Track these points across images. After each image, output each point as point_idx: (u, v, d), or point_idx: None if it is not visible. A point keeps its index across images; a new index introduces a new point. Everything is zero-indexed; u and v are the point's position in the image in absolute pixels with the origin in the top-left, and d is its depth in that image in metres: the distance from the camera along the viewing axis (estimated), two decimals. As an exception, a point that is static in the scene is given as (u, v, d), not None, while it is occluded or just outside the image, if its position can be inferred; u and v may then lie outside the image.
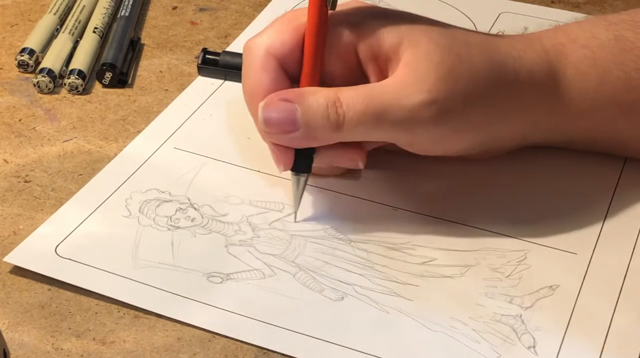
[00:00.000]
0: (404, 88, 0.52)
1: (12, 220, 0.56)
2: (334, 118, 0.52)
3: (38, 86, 0.65)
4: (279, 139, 0.53)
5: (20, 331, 0.49)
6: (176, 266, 0.52)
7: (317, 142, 0.53)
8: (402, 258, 0.53)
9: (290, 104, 0.52)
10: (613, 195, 0.57)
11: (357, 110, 0.52)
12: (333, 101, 0.52)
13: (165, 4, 0.75)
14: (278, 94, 0.53)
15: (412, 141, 0.55)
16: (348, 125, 0.52)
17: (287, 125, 0.52)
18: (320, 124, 0.52)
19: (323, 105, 0.52)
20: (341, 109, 0.52)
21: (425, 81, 0.52)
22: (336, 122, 0.52)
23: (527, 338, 0.49)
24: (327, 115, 0.52)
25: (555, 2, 0.75)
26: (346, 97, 0.52)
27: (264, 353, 0.48)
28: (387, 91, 0.52)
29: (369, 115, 0.52)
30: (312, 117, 0.52)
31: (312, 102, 0.52)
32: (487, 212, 0.56)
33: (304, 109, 0.52)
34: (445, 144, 0.55)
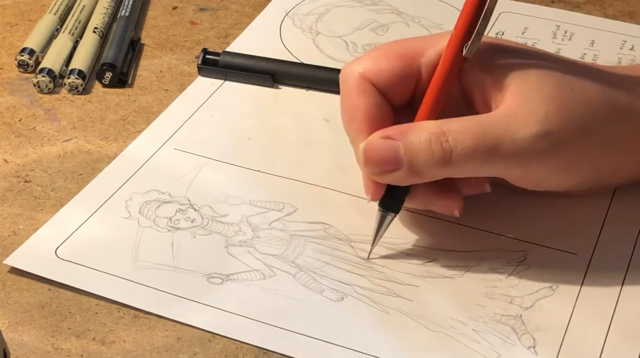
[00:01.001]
0: (515, 119, 0.50)
1: (12, 220, 0.56)
2: (439, 154, 0.50)
3: (38, 86, 0.65)
4: (382, 178, 0.51)
5: (20, 331, 0.49)
6: (176, 267, 0.52)
7: (424, 178, 0.51)
8: (402, 258, 0.53)
9: (392, 142, 0.50)
10: (613, 195, 0.57)
11: (467, 144, 0.49)
12: (437, 136, 0.50)
13: (165, 4, 0.75)
14: (380, 132, 0.51)
15: (525, 175, 0.52)
16: (457, 161, 0.50)
17: (390, 164, 0.50)
18: (424, 160, 0.50)
19: (426, 140, 0.50)
20: (447, 144, 0.50)
21: (537, 112, 0.50)
22: (442, 158, 0.50)
23: (527, 338, 0.49)
24: (431, 151, 0.50)
25: (555, 2, 0.75)
26: (453, 131, 0.50)
27: (264, 353, 0.48)
28: (497, 123, 0.50)
29: (480, 150, 0.50)
30: (416, 155, 0.50)
31: (414, 139, 0.50)
32: (487, 212, 0.56)
33: (406, 145, 0.50)
34: (559, 178, 0.53)
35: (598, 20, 0.73)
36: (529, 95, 0.50)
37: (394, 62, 0.53)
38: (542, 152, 0.50)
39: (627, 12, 0.74)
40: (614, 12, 0.74)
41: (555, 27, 0.72)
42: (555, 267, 0.53)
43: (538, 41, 0.70)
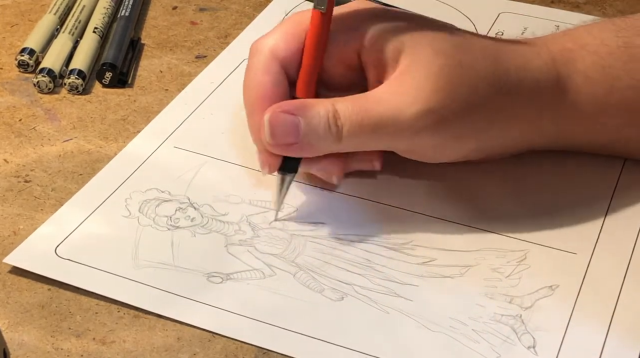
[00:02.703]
0: (399, 97, 0.52)
1: (12, 220, 0.56)
2: (334, 130, 0.52)
3: (38, 86, 0.65)
4: (281, 150, 0.53)
5: (20, 331, 0.49)
6: (176, 266, 0.52)
7: (316, 152, 0.54)
8: (402, 258, 0.53)
9: (293, 117, 0.52)
10: (613, 195, 0.57)
11: (354, 121, 0.52)
12: (332, 113, 0.52)
13: (165, 4, 0.75)
14: (280, 105, 0.53)
15: (411, 149, 0.55)
16: (346, 137, 0.52)
17: (291, 137, 0.52)
18: (322, 135, 0.52)
19: (324, 117, 0.52)
20: (340, 121, 0.52)
21: (422, 90, 0.52)
22: (336, 134, 0.52)
23: (527, 338, 0.49)
24: (328, 127, 0.52)
25: (555, 2, 0.75)
26: (342, 108, 0.52)
27: (264, 353, 0.48)
28: (382, 101, 0.52)
29: (366, 127, 0.52)
30: (314, 129, 0.52)
31: (314, 115, 0.52)
32: (487, 212, 0.56)
33: (307, 121, 0.52)
34: (445, 151, 0.55)
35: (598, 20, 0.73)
36: (415, 73, 0.52)
37: (299, 37, 0.54)
38: (424, 129, 0.52)
39: (627, 12, 0.74)
40: (613, 12, 0.74)
41: (555, 27, 0.72)
42: (555, 267, 0.53)
43: (538, 41, 0.70)
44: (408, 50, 0.53)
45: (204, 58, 0.69)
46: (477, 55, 0.53)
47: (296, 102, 0.54)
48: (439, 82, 0.52)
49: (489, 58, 0.54)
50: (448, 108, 0.52)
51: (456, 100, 0.52)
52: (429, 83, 0.52)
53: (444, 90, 0.52)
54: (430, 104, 0.52)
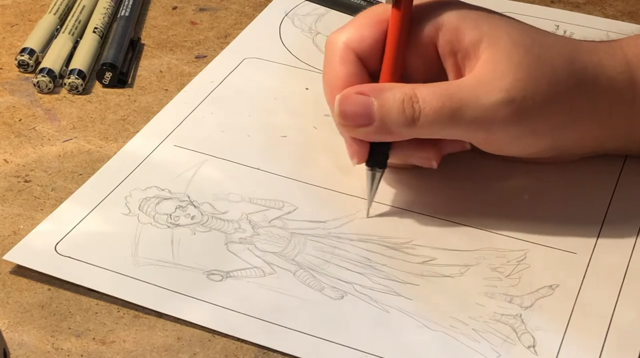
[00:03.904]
0: (481, 86, 0.52)
1: (12, 220, 0.56)
2: (409, 113, 0.52)
3: (38, 86, 0.65)
4: (354, 132, 0.53)
5: (20, 331, 0.49)
6: (176, 264, 0.52)
7: (392, 137, 0.53)
8: (402, 257, 0.53)
9: (366, 98, 0.52)
10: (613, 195, 0.57)
11: (433, 106, 0.52)
12: (409, 96, 0.52)
13: (165, 4, 0.75)
14: (355, 87, 0.53)
15: (488, 140, 0.54)
16: (423, 121, 0.52)
17: (363, 118, 0.52)
18: (396, 118, 0.52)
19: (399, 100, 0.52)
20: (417, 105, 0.52)
21: (503, 80, 0.52)
22: (412, 117, 0.52)
23: (527, 337, 0.49)
24: (402, 110, 0.52)
25: (555, 2, 0.75)
26: (423, 93, 0.52)
27: (264, 353, 0.48)
28: (464, 88, 0.52)
29: (445, 112, 0.52)
30: (388, 112, 0.52)
31: (388, 97, 0.52)
32: (487, 212, 0.56)
33: (380, 103, 0.52)
34: (521, 145, 0.55)
35: (598, 20, 0.73)
36: (497, 63, 0.52)
37: (377, 27, 0.55)
38: (504, 119, 0.52)
39: (627, 12, 0.74)
40: (613, 12, 0.74)
41: (555, 27, 0.72)
42: (555, 267, 0.53)
43: (538, 42, 0.70)
44: (488, 41, 0.53)
45: (204, 58, 0.69)
46: (553, 50, 0.54)
47: (372, 84, 0.54)
48: (520, 73, 0.52)
49: (565, 54, 0.54)
50: (529, 99, 0.52)
51: (537, 92, 0.52)
52: (511, 73, 0.52)
53: (525, 81, 0.52)
54: (511, 93, 0.52)
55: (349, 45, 0.54)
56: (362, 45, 0.54)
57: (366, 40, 0.54)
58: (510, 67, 0.52)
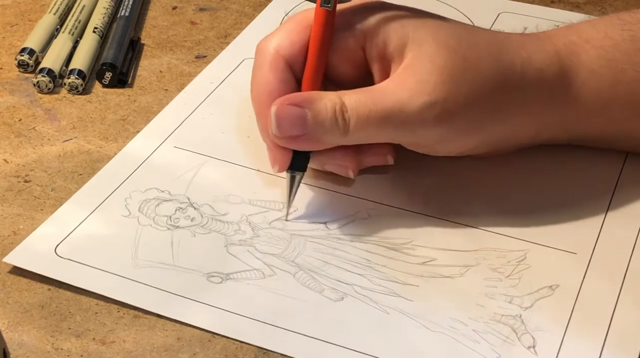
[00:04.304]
0: (404, 90, 0.52)
1: (12, 220, 0.56)
2: (341, 123, 0.52)
3: (38, 86, 0.65)
4: (286, 142, 0.53)
5: (20, 331, 0.49)
6: (176, 266, 0.52)
7: (322, 145, 0.54)
8: (402, 258, 0.53)
9: (300, 109, 0.53)
10: (613, 195, 0.57)
11: (361, 114, 0.52)
12: (340, 106, 0.52)
13: (165, 4, 0.75)
14: (287, 98, 0.53)
15: (417, 142, 0.55)
16: (353, 130, 0.53)
17: (297, 129, 0.53)
18: (329, 128, 0.53)
19: (331, 110, 0.52)
20: (347, 114, 0.52)
21: (426, 83, 0.52)
22: (343, 127, 0.52)
23: (527, 338, 0.49)
24: (335, 119, 0.52)
25: (555, 2, 0.75)
26: (350, 101, 0.53)
27: (264, 353, 0.48)
28: (388, 94, 0.53)
29: (372, 120, 0.52)
30: (321, 122, 0.52)
31: (321, 107, 0.53)
32: (487, 212, 0.56)
33: (313, 113, 0.52)
34: (451, 144, 0.55)
35: (598, 21, 0.73)
36: (420, 67, 0.53)
37: (306, 32, 0.55)
38: (429, 121, 0.53)
39: (627, 12, 0.74)
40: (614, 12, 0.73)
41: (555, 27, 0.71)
42: (555, 267, 0.53)
43: (538, 41, 0.70)
44: (412, 45, 0.53)
45: (204, 58, 0.69)
46: (481, 49, 0.54)
47: (303, 94, 0.54)
48: (443, 75, 0.52)
49: (492, 52, 0.54)
50: (452, 101, 0.52)
51: (461, 94, 0.53)
52: (434, 76, 0.52)
53: (448, 83, 0.52)
54: (434, 96, 0.52)
55: (278, 52, 0.54)
56: (291, 51, 0.54)
57: (295, 45, 0.54)
58: (433, 70, 0.52)
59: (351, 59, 0.55)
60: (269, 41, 0.55)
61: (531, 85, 0.54)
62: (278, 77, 0.54)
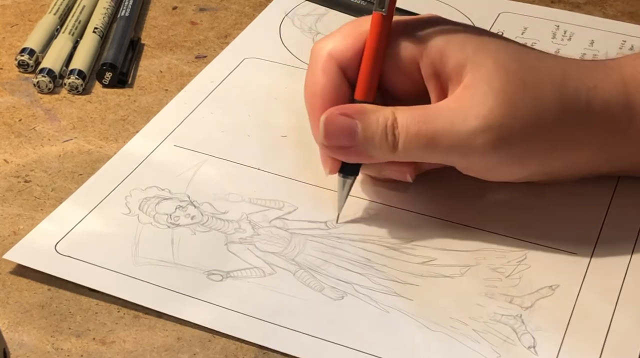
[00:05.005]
0: (458, 112, 0.51)
1: (12, 220, 0.56)
2: (390, 139, 0.51)
3: (38, 86, 0.65)
4: (335, 152, 0.53)
5: (20, 331, 0.49)
6: (176, 264, 0.52)
7: (372, 159, 0.53)
8: (402, 257, 0.53)
9: (351, 120, 0.52)
10: (613, 195, 0.57)
11: (411, 132, 0.51)
12: (391, 122, 0.51)
13: (165, 4, 0.75)
14: (339, 108, 0.52)
15: (469, 166, 0.54)
16: (402, 148, 0.51)
17: (346, 140, 0.52)
18: (378, 143, 0.52)
19: (382, 124, 0.51)
20: (397, 131, 0.51)
21: (481, 106, 0.51)
22: (393, 143, 0.52)
23: (527, 338, 0.49)
24: (385, 135, 0.51)
25: (555, 2, 0.75)
26: (402, 118, 0.51)
27: (264, 353, 0.48)
28: (441, 114, 0.51)
29: (422, 139, 0.51)
30: (371, 136, 0.52)
31: (372, 121, 0.52)
32: (487, 212, 0.56)
33: (364, 126, 0.52)
34: (504, 170, 0.54)
35: (598, 21, 0.73)
36: (477, 88, 0.51)
37: (362, 37, 0.54)
38: (481, 147, 0.51)
39: (627, 12, 0.74)
40: (614, 12, 0.74)
41: (555, 27, 0.72)
42: (555, 267, 0.53)
43: (537, 41, 0.70)
44: (471, 66, 0.51)
45: (204, 58, 0.69)
46: (542, 75, 0.52)
47: (356, 105, 0.53)
48: (499, 99, 0.51)
49: (555, 80, 0.52)
50: (508, 127, 0.51)
51: (518, 120, 0.51)
52: (490, 100, 0.51)
53: (505, 107, 0.51)
54: (489, 120, 0.50)
55: (332, 55, 0.54)
56: (346, 56, 0.53)
57: (350, 50, 0.53)
58: (490, 93, 0.51)
59: (406, 70, 0.53)
60: (323, 44, 0.54)
61: (596, 116, 0.52)
62: (330, 80, 0.53)
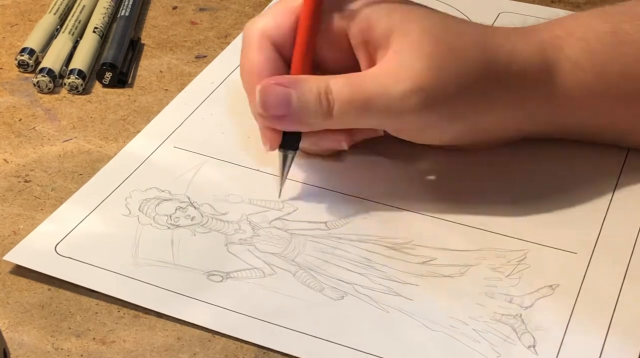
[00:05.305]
0: (390, 76, 0.53)
1: (12, 220, 0.56)
2: (325, 105, 0.53)
3: (38, 86, 0.65)
4: (272, 122, 0.54)
5: (20, 331, 0.49)
6: (176, 265, 0.52)
7: (307, 127, 0.54)
8: (402, 257, 0.53)
9: (285, 89, 0.53)
10: (613, 194, 0.57)
11: (345, 98, 0.53)
12: (324, 89, 0.53)
13: (165, 4, 0.75)
14: (274, 78, 0.54)
15: (399, 128, 0.55)
16: (336, 113, 0.53)
17: (282, 108, 0.53)
18: (313, 110, 0.53)
19: (316, 92, 0.53)
20: (331, 97, 0.53)
21: (411, 69, 0.53)
22: (327, 109, 0.53)
23: (527, 337, 0.49)
24: (319, 102, 0.53)
25: (555, 2, 0.75)
26: (335, 85, 0.53)
27: (264, 353, 0.48)
28: (373, 79, 0.53)
29: (356, 103, 0.53)
30: (306, 103, 0.53)
31: (306, 89, 0.53)
32: (487, 212, 0.56)
33: (299, 94, 0.53)
34: (434, 132, 0.56)
35: (598, 21, 0.73)
36: (406, 53, 0.53)
37: (293, 15, 0.55)
38: (413, 108, 0.53)
39: (627, 12, 0.74)
40: (613, 11, 0.74)
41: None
42: (555, 267, 0.53)
43: (538, 41, 0.70)
44: (398, 32, 0.53)
45: (204, 58, 0.69)
46: (466, 40, 0.54)
47: (290, 76, 0.54)
48: (428, 62, 0.53)
49: (478, 43, 0.55)
50: (437, 88, 0.53)
51: (445, 81, 0.53)
52: (419, 63, 0.53)
53: (433, 69, 0.53)
54: (418, 82, 0.52)
55: (265, 33, 0.55)
56: (278, 33, 0.55)
57: (281, 28, 0.55)
58: (419, 57, 0.53)
59: (336, 44, 0.55)
60: (255, 23, 0.56)
61: (515, 77, 0.55)
62: (266, 57, 0.55)
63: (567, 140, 0.60)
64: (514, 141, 0.59)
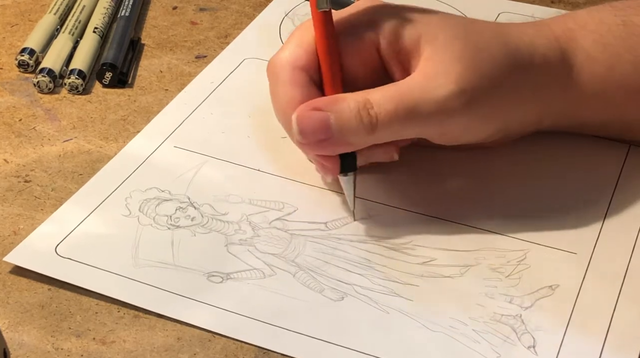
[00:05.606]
0: (430, 81, 0.53)
1: (12, 220, 0.56)
2: (367, 120, 0.52)
3: (38, 86, 0.65)
4: (315, 148, 0.53)
5: (20, 331, 0.49)
6: (176, 265, 0.52)
7: (352, 146, 0.53)
8: (402, 258, 0.53)
9: (322, 113, 0.52)
10: (613, 194, 0.57)
11: (389, 109, 0.52)
12: (364, 104, 0.52)
13: (165, 4, 0.75)
14: (308, 104, 0.53)
15: (443, 132, 0.55)
16: (381, 126, 0.52)
17: (321, 133, 0.52)
18: (355, 128, 0.52)
19: (355, 109, 0.52)
20: (373, 111, 0.52)
21: (450, 72, 0.53)
22: (370, 124, 0.52)
23: (527, 338, 0.49)
24: (360, 118, 0.52)
25: (555, 2, 0.75)
26: (375, 98, 0.52)
27: (264, 353, 0.48)
28: (414, 86, 0.53)
29: (401, 113, 0.52)
30: (346, 122, 0.52)
31: (343, 108, 0.52)
32: (487, 212, 0.56)
33: (337, 115, 0.52)
34: (473, 132, 0.56)
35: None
36: (440, 58, 0.53)
37: (313, 43, 0.54)
38: (457, 110, 0.53)
39: (627, 12, 0.74)
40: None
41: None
42: (555, 267, 0.53)
43: (538, 41, 0.70)
44: (427, 38, 0.54)
45: (204, 58, 0.69)
46: (488, 36, 0.55)
47: (324, 98, 0.53)
48: (463, 63, 0.53)
49: (498, 38, 0.55)
50: (478, 87, 0.53)
51: (482, 80, 0.53)
52: (455, 65, 0.53)
53: (470, 70, 0.53)
54: (460, 84, 0.52)
55: (296, 65, 0.54)
56: (308, 62, 0.54)
57: (310, 55, 0.54)
58: (454, 59, 0.53)
59: (366, 61, 0.55)
60: (281, 57, 0.54)
61: (538, 68, 0.55)
62: (302, 90, 0.54)
63: (567, 140, 0.60)
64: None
